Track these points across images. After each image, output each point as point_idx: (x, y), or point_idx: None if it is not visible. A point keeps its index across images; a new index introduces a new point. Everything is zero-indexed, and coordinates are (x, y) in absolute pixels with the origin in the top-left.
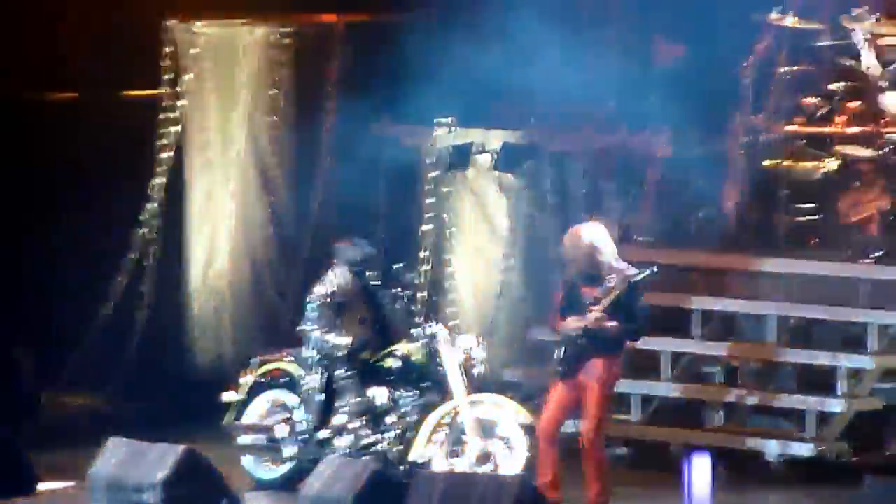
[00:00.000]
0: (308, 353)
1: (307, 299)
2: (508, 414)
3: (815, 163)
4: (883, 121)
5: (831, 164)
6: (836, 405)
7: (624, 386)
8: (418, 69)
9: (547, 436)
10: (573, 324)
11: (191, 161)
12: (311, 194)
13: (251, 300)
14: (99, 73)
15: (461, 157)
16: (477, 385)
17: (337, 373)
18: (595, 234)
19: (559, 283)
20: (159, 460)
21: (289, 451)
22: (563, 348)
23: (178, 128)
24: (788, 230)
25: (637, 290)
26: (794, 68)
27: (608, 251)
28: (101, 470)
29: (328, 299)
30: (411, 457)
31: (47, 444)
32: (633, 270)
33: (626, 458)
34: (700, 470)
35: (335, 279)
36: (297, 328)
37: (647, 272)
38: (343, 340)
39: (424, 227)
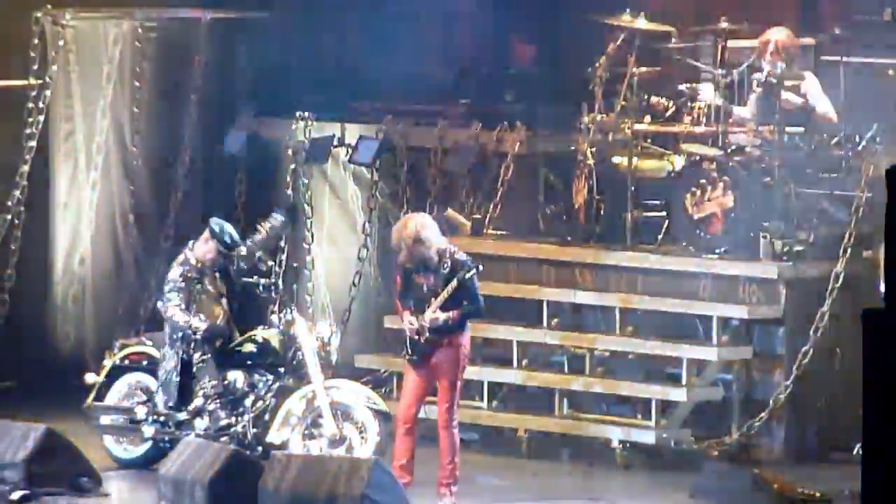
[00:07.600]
0: (166, 334)
1: (167, 276)
2: (362, 399)
3: (662, 161)
4: (729, 121)
5: (677, 163)
6: (678, 394)
7: (474, 374)
8: (280, 64)
9: (405, 422)
10: (412, 325)
11: (56, 150)
12: (173, 183)
13: (113, 286)
14: None
15: (319, 150)
16: (332, 371)
17: (195, 356)
18: (419, 225)
19: (397, 270)
20: (21, 439)
21: (148, 431)
22: (411, 337)
23: (43, 117)
24: (635, 225)
25: (469, 282)
26: (644, 69)
27: (434, 241)
28: None
29: (187, 274)
30: (268, 439)
31: None
32: (462, 256)
33: (475, 442)
34: None
35: (196, 253)
36: (157, 304)
37: (474, 270)
38: (200, 323)
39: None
